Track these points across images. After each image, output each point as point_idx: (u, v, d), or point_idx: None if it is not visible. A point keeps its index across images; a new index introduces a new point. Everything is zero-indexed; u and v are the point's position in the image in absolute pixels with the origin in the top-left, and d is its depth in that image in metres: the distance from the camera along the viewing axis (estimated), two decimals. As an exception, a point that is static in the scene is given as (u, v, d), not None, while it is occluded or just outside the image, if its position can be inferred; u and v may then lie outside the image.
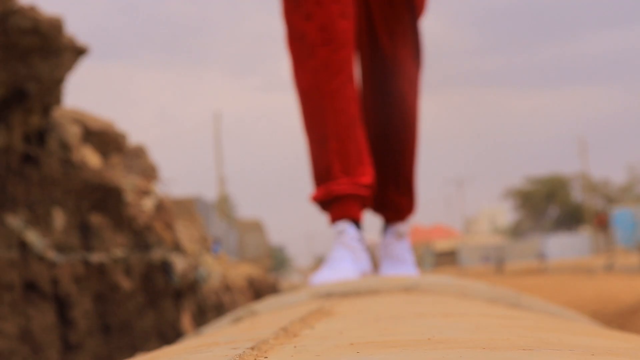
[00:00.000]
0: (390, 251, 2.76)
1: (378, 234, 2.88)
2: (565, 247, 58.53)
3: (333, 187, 2.49)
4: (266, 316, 1.40)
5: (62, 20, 3.74)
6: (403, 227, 2.79)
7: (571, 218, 74.00)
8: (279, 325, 0.86)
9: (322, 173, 2.54)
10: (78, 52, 3.95)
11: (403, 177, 2.76)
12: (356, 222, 2.52)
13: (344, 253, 2.44)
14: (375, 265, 2.77)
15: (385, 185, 2.71)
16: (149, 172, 6.20)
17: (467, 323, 0.79)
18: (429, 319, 0.83)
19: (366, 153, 2.56)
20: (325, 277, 2.32)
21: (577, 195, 74.73)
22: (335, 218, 2.52)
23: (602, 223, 53.73)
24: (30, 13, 3.47)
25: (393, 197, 2.75)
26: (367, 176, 2.53)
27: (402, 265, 2.72)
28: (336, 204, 2.51)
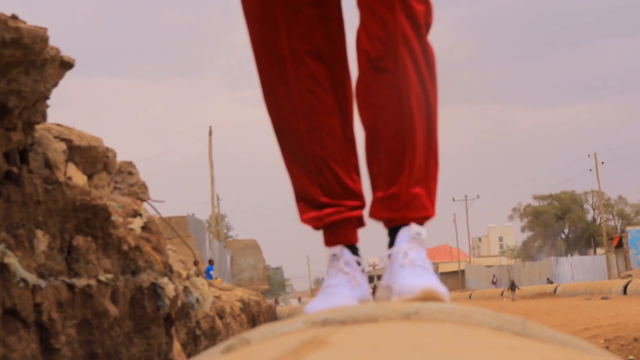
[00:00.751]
0: (411, 259, 2.17)
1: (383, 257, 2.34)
2: (578, 269, 58.43)
3: (320, 214, 2.34)
4: (258, 346, 1.39)
5: (47, 31, 3.75)
6: (423, 230, 2.27)
7: (584, 238, 73.89)
8: (269, 358, 0.86)
9: (303, 196, 2.39)
10: (64, 65, 3.95)
11: (422, 164, 2.28)
12: (351, 245, 2.37)
13: (339, 279, 2.28)
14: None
15: (399, 176, 2.27)
16: (139, 191, 6.21)
17: (466, 356, 0.79)
18: (426, 351, 0.83)
19: (353, 167, 2.37)
20: (320, 306, 2.15)
21: (590, 214, 74.71)
22: (327, 244, 2.38)
23: (617, 243, 53.67)
24: (11, 23, 3.48)
25: (411, 190, 2.26)
26: (356, 197, 2.37)
27: (427, 273, 2.16)
28: (326, 230, 2.37)
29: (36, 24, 3.64)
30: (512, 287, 45.32)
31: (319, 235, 2.48)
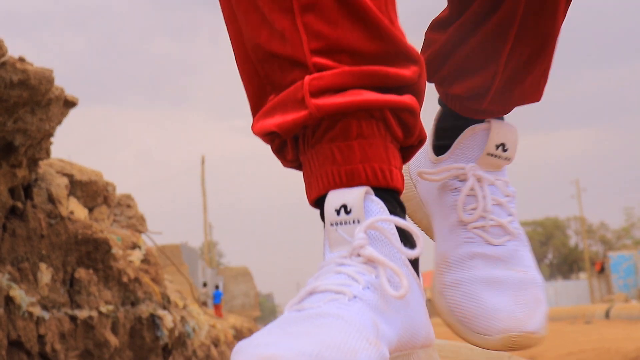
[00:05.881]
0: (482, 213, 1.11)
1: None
2: (561, 293, 58.46)
3: (307, 90, 0.87)
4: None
5: (52, 72, 3.82)
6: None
7: (567, 263, 74.08)
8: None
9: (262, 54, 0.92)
10: (67, 104, 4.02)
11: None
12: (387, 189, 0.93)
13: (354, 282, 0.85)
14: None
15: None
16: (137, 223, 6.25)
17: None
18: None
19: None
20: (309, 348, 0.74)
21: (573, 239, 74.96)
22: (321, 186, 0.92)
23: (599, 268, 53.81)
24: (19, 65, 3.54)
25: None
26: (403, 56, 0.93)
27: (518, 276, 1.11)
28: (320, 145, 0.92)
29: (26, 53, 3.70)
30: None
31: (310, 260, 1.08)
